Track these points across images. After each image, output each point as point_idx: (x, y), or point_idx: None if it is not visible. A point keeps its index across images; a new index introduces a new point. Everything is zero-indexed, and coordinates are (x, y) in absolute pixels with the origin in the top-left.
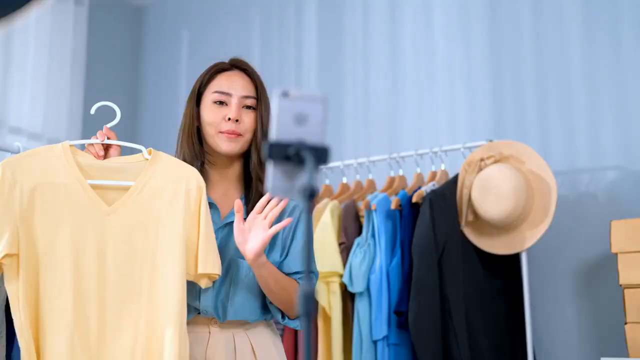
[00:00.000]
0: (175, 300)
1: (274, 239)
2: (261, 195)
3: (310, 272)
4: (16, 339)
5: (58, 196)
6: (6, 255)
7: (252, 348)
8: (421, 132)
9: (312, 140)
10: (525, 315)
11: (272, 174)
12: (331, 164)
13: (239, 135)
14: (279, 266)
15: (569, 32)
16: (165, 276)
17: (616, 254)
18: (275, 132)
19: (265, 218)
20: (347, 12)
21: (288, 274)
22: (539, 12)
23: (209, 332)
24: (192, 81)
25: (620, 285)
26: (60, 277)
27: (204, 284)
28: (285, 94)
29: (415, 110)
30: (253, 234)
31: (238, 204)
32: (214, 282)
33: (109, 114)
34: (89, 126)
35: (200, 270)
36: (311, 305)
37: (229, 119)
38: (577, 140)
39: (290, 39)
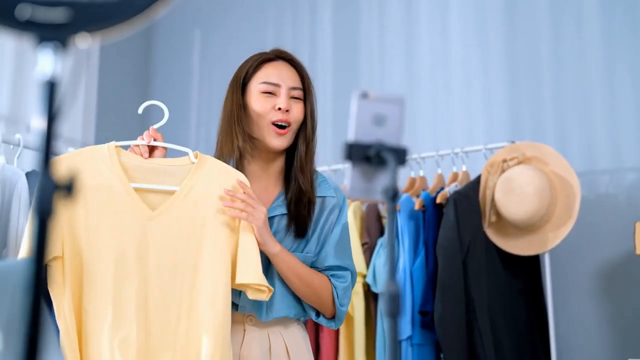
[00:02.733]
0: (217, 310)
1: (311, 232)
2: (301, 190)
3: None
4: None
5: (101, 198)
6: (52, 258)
7: (287, 350)
8: (437, 134)
9: (390, 141)
10: (548, 316)
11: (351, 175)
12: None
13: (289, 125)
14: (313, 260)
15: (588, 32)
16: (207, 285)
17: None
18: (354, 133)
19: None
20: (362, 12)
21: (322, 269)
22: (556, 12)
23: (244, 330)
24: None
25: None
26: (100, 280)
27: (250, 294)
28: (364, 95)
29: (432, 112)
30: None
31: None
32: None
33: (119, 112)
34: (102, 125)
35: (237, 281)
36: (397, 305)
37: (279, 108)
38: (596, 142)
39: (305, 39)
